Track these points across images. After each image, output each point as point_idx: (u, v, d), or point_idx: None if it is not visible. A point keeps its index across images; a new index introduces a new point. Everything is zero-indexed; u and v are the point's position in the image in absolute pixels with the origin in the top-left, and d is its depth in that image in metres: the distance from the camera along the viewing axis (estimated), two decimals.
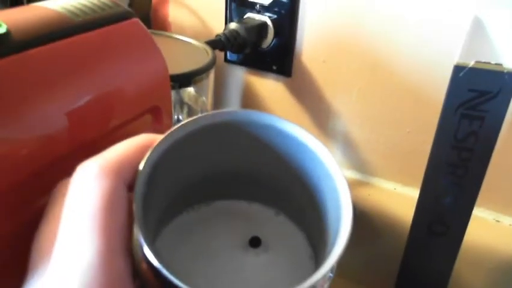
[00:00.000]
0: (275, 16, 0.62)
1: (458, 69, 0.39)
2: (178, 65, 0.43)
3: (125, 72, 0.33)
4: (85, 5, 0.33)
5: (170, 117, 0.38)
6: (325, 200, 0.27)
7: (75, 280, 0.21)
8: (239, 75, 0.70)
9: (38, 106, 0.27)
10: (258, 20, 0.62)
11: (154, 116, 0.36)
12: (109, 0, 0.35)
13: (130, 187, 0.23)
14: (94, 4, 0.34)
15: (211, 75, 0.47)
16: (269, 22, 0.62)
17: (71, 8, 0.32)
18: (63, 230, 0.22)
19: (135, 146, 0.24)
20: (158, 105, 0.36)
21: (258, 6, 0.62)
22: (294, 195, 0.30)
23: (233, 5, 0.64)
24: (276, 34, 0.63)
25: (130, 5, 0.59)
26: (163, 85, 0.36)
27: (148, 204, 0.23)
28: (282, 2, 0.60)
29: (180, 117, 0.49)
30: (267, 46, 0.64)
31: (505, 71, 0.38)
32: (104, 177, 0.23)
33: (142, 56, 0.35)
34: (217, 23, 0.67)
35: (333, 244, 0.23)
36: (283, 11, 0.61)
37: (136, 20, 0.35)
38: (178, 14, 0.70)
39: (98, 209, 0.22)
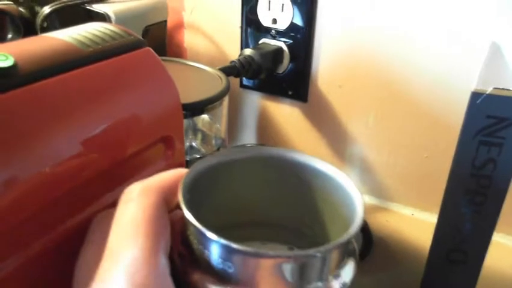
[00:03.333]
0: (291, 41, 0.62)
1: (475, 95, 0.38)
2: (191, 93, 0.43)
3: (137, 103, 0.33)
4: (95, 35, 0.33)
5: (183, 145, 0.38)
6: (337, 215, 0.32)
7: (121, 271, 0.24)
8: (255, 101, 0.69)
9: (47, 139, 0.27)
10: (273, 46, 0.62)
11: (166, 145, 0.36)
12: (120, 29, 0.35)
13: (170, 208, 0.27)
14: (105, 34, 0.34)
15: (225, 102, 0.47)
16: (285, 47, 0.62)
17: (81, 38, 0.32)
18: (111, 239, 0.25)
19: (170, 174, 0.28)
20: (170, 134, 0.35)
21: (273, 31, 0.62)
22: (306, 227, 0.34)
23: (248, 30, 0.64)
24: (292, 59, 0.63)
25: (145, 32, 0.59)
26: (175, 114, 0.36)
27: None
28: (298, 27, 0.61)
29: (194, 144, 0.49)
30: (283, 71, 0.64)
31: None
32: (147, 195, 0.26)
33: (153, 85, 0.35)
34: (232, 49, 0.67)
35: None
36: (299, 36, 0.61)
37: (148, 49, 0.35)
38: (194, 40, 0.71)
39: (142, 218, 0.25)
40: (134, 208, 0.26)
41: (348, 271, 0.29)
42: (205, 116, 0.47)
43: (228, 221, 0.33)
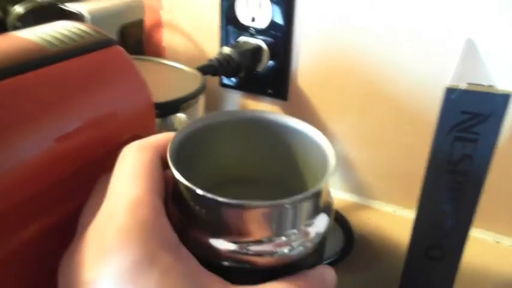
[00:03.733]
0: (270, 39, 0.62)
1: (450, 91, 0.38)
2: (165, 92, 0.43)
3: (105, 102, 0.33)
4: (63, 34, 0.33)
5: None
6: (311, 169, 0.36)
7: (123, 207, 0.27)
8: (235, 100, 0.69)
9: (10, 140, 0.26)
10: (252, 44, 0.62)
11: None
12: (90, 27, 0.35)
13: (165, 164, 0.30)
14: (73, 32, 0.33)
15: (201, 100, 0.47)
16: (264, 45, 0.62)
17: (48, 37, 0.32)
18: (112, 184, 0.28)
19: (164, 135, 0.32)
20: (141, 133, 0.35)
21: (252, 29, 0.62)
22: (287, 183, 0.38)
23: (227, 28, 0.64)
24: (271, 57, 0.62)
25: (121, 31, 0.58)
26: (146, 113, 0.35)
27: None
28: (277, 25, 0.60)
29: None
30: (262, 70, 0.63)
31: (497, 93, 0.37)
32: (144, 150, 0.30)
33: (123, 84, 0.34)
34: (211, 47, 0.67)
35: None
36: (278, 34, 0.61)
37: (117, 47, 0.34)
38: (172, 39, 0.70)
39: (141, 167, 0.29)
40: (132, 159, 0.29)
41: (321, 222, 0.33)
42: (182, 115, 0.47)
43: (215, 180, 0.36)
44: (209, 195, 0.28)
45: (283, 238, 0.31)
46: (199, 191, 0.29)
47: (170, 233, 0.28)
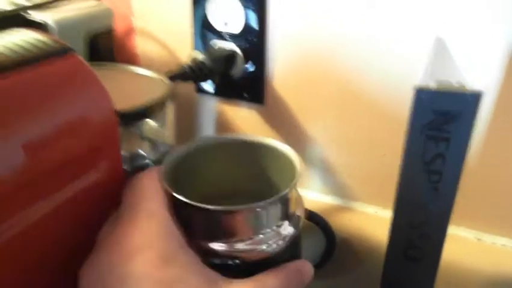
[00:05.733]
0: (244, 43, 0.61)
1: (419, 91, 0.38)
2: (130, 100, 0.42)
3: (61, 111, 0.32)
4: (16, 44, 0.32)
5: (118, 154, 0.37)
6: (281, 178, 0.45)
7: (142, 218, 0.33)
8: (211, 105, 0.68)
9: None
10: (225, 49, 0.61)
11: (98, 155, 0.35)
12: (47, 36, 0.34)
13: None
14: (27, 42, 0.32)
15: (169, 107, 0.46)
16: (238, 50, 0.61)
17: (0, 48, 0.31)
18: (128, 201, 0.35)
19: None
20: (102, 143, 0.34)
21: (226, 34, 0.61)
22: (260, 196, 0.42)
23: (201, 34, 0.63)
24: (246, 62, 0.62)
25: (90, 40, 0.57)
26: (106, 123, 0.34)
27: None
28: (251, 29, 0.60)
29: (140, 151, 0.48)
30: (238, 74, 0.62)
31: (467, 92, 0.37)
32: (151, 176, 0.37)
33: (81, 92, 0.34)
34: (186, 53, 0.66)
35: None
36: (252, 39, 0.60)
37: (74, 55, 0.33)
38: (146, 46, 0.69)
39: (151, 188, 0.36)
40: (143, 183, 0.36)
41: (292, 223, 0.41)
42: (152, 123, 0.46)
43: (205, 194, 0.42)
44: (196, 204, 0.36)
45: (261, 236, 0.39)
46: (188, 201, 0.36)
47: (181, 237, 0.35)
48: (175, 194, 0.37)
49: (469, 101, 0.37)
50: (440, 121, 0.39)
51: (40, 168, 0.30)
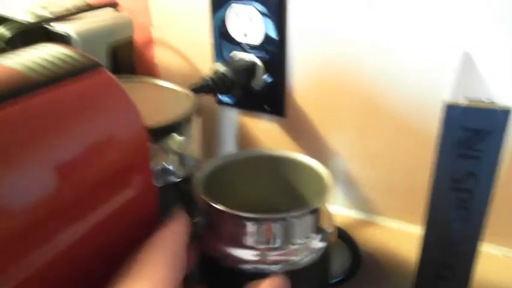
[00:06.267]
0: (265, 55, 0.60)
1: (449, 108, 0.37)
2: (157, 115, 0.42)
3: (93, 130, 0.32)
4: (46, 60, 0.31)
5: (149, 171, 0.36)
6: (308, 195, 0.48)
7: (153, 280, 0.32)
8: (232, 117, 0.68)
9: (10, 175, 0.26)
10: (246, 60, 0.60)
11: (131, 172, 0.35)
12: (74, 51, 0.33)
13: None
14: (56, 57, 0.32)
15: (196, 120, 0.45)
16: (258, 61, 0.60)
17: (31, 65, 0.31)
18: (144, 261, 0.34)
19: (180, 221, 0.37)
20: (136, 158, 0.34)
21: (245, 45, 0.60)
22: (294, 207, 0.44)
23: (220, 44, 0.62)
24: (267, 73, 0.61)
25: (111, 50, 0.57)
26: (137, 139, 0.34)
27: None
28: (271, 40, 0.59)
29: (167, 166, 0.47)
30: (258, 86, 0.62)
31: (498, 108, 0.36)
32: (169, 235, 0.36)
33: (111, 110, 0.33)
34: (205, 63, 0.66)
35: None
36: (272, 50, 0.59)
37: (103, 70, 0.33)
38: (164, 56, 0.69)
39: (166, 251, 0.34)
40: (159, 244, 0.35)
41: (323, 236, 0.42)
42: (177, 137, 0.45)
43: (235, 208, 0.42)
44: (231, 211, 0.39)
45: (292, 247, 0.40)
46: (223, 208, 0.39)
47: None
48: (210, 202, 0.39)
49: (499, 118, 0.36)
50: (471, 138, 0.38)
51: (75, 189, 0.30)
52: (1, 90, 0.27)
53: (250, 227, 0.40)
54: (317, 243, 0.43)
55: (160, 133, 0.42)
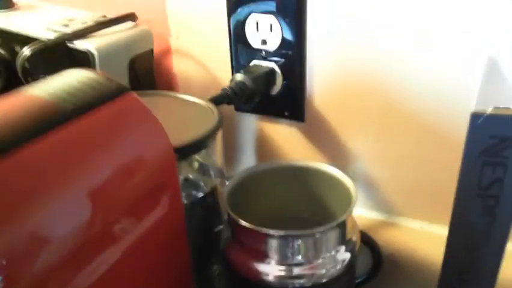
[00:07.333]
0: (282, 60, 0.60)
1: (475, 116, 0.37)
2: (182, 132, 0.42)
3: (125, 155, 0.32)
4: (73, 87, 0.32)
5: (178, 189, 0.37)
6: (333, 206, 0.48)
7: None
8: (251, 123, 0.68)
9: (38, 208, 0.26)
10: (264, 67, 0.60)
11: (161, 192, 0.35)
12: (100, 76, 0.34)
13: None
14: (83, 83, 0.32)
15: (219, 135, 0.46)
16: (276, 68, 0.60)
17: (59, 93, 0.31)
18: None
19: None
20: (164, 179, 0.34)
21: (264, 52, 0.60)
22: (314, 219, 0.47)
23: (238, 52, 0.62)
24: (285, 79, 0.61)
25: (131, 63, 0.57)
26: (166, 160, 0.35)
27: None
28: (289, 46, 0.59)
29: (190, 176, 0.48)
30: (277, 92, 0.62)
31: None
32: None
33: (140, 133, 0.34)
34: (223, 71, 0.66)
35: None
36: (290, 56, 0.59)
37: (131, 94, 0.34)
38: (183, 65, 0.69)
39: None
40: None
41: (348, 248, 0.43)
42: (204, 152, 0.46)
43: (263, 218, 0.44)
44: (258, 228, 0.39)
45: (319, 261, 0.40)
46: (251, 226, 0.39)
47: None
48: (236, 218, 0.40)
49: None
50: (497, 146, 0.38)
51: (109, 214, 0.31)
52: (33, 123, 0.28)
53: (276, 244, 0.40)
54: (343, 254, 0.43)
55: (186, 151, 0.43)
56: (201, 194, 0.47)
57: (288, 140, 0.66)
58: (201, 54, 0.67)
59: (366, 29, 0.55)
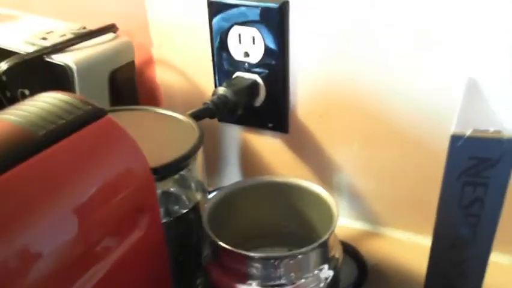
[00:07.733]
0: (266, 71, 0.60)
1: (455, 138, 0.37)
2: (162, 152, 0.42)
3: (103, 177, 0.32)
4: (48, 112, 0.31)
5: (157, 209, 0.37)
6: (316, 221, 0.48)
7: None
8: (235, 135, 0.68)
9: (14, 236, 0.26)
10: (247, 79, 0.60)
11: (139, 214, 0.35)
12: (77, 98, 0.33)
13: None
14: (60, 108, 0.32)
15: (200, 151, 0.45)
16: (259, 80, 0.60)
17: (34, 119, 0.30)
18: None
19: None
20: (143, 200, 0.34)
21: (246, 64, 0.60)
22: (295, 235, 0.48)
23: (221, 64, 0.62)
24: (268, 90, 0.60)
25: (112, 76, 0.56)
26: (144, 181, 0.34)
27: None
28: (271, 58, 0.58)
29: (172, 189, 0.47)
30: (260, 103, 0.61)
31: (504, 138, 0.35)
32: None
33: (118, 155, 0.34)
34: (206, 82, 0.65)
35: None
36: (273, 68, 0.59)
37: (108, 118, 0.33)
38: (165, 76, 0.69)
39: None
40: None
41: (331, 266, 0.42)
42: (183, 170, 0.46)
43: (243, 236, 0.46)
44: (240, 251, 0.39)
45: (302, 281, 0.40)
46: (232, 249, 0.38)
47: None
48: (216, 240, 0.40)
49: (505, 147, 0.36)
50: (477, 167, 0.38)
51: (90, 234, 0.31)
52: (9, 152, 0.28)
53: (257, 266, 0.40)
54: (326, 272, 0.43)
55: (165, 172, 0.42)
56: (182, 210, 0.47)
57: (272, 151, 0.66)
58: (183, 63, 0.67)
59: (350, 41, 0.55)
